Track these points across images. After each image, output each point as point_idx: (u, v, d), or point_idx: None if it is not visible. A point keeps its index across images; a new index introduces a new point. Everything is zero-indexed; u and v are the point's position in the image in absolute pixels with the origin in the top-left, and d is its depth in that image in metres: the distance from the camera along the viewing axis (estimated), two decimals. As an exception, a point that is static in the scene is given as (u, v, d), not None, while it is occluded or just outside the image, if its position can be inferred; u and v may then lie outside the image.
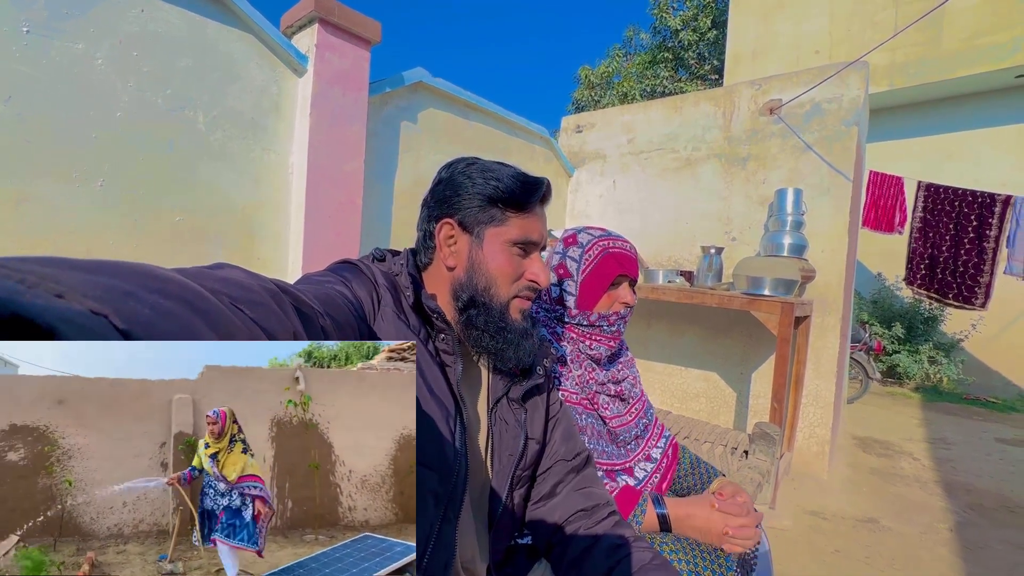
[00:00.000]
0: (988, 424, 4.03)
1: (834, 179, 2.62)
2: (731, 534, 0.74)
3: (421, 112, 2.37)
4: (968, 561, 1.94)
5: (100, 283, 0.23)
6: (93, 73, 1.42)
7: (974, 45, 4.87)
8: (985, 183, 4.29)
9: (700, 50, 10.20)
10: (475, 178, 0.68)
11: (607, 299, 0.92)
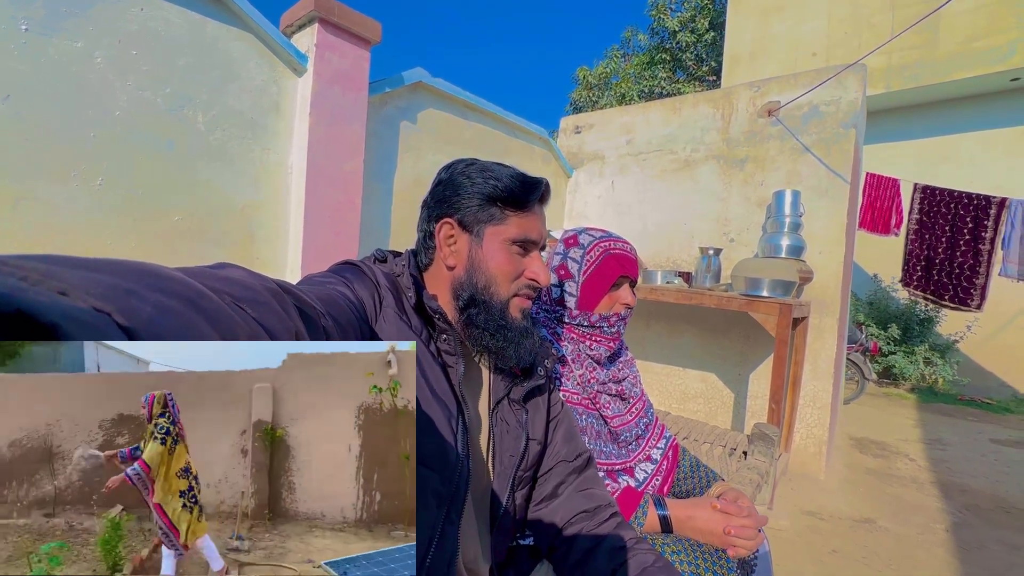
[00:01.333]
0: (983, 425, 4.06)
1: (832, 181, 2.63)
2: (732, 533, 0.75)
3: (421, 112, 2.37)
4: (964, 562, 1.95)
5: (103, 281, 0.23)
6: (92, 72, 1.41)
7: (970, 48, 4.91)
8: (980, 185, 4.31)
9: (698, 51, 10.23)
10: (474, 178, 0.68)
11: (608, 300, 0.93)
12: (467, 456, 0.63)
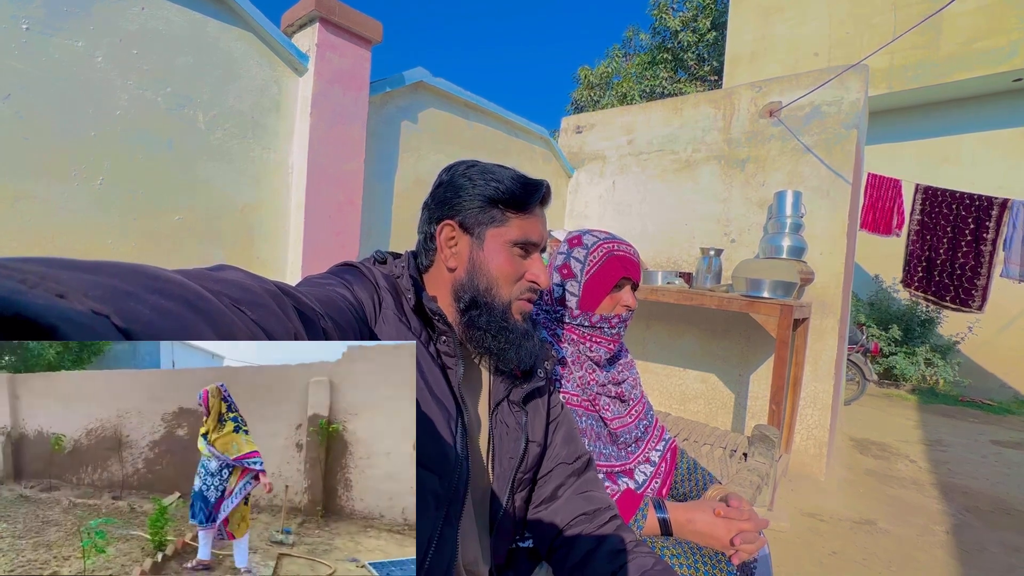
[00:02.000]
0: (984, 426, 4.05)
1: (833, 182, 2.62)
2: (737, 544, 0.74)
3: (421, 112, 2.37)
4: (965, 563, 1.95)
5: (101, 283, 0.23)
6: (93, 71, 1.41)
7: (972, 49, 4.90)
8: (981, 186, 4.31)
9: (699, 51, 10.22)
10: (475, 179, 0.68)
11: (609, 301, 0.92)
12: (466, 458, 0.63)
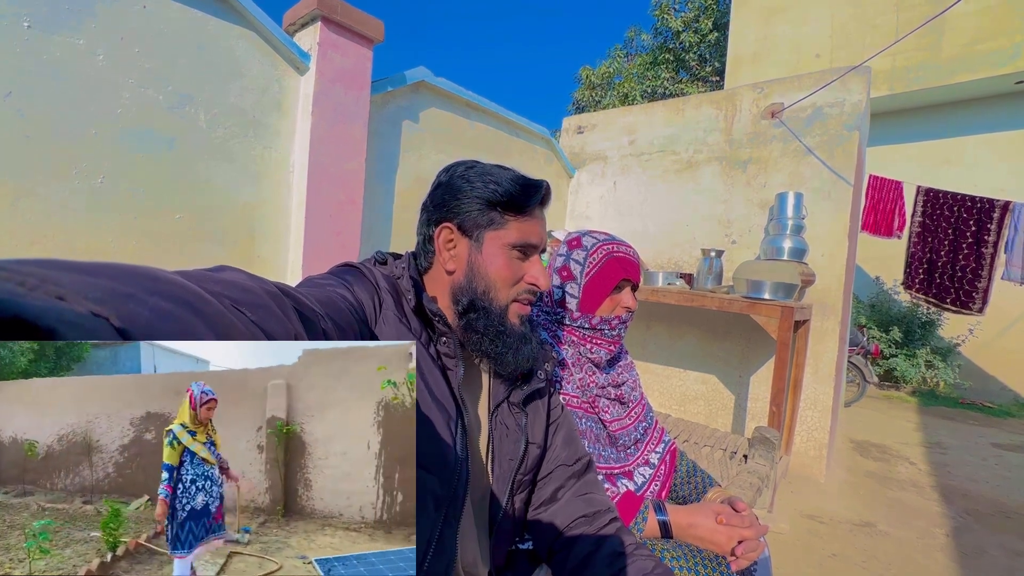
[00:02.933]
0: (984, 429, 4.05)
1: (835, 183, 2.62)
2: (739, 553, 0.74)
3: (423, 111, 2.36)
4: (965, 566, 1.95)
5: (100, 285, 0.23)
6: (94, 69, 1.41)
7: (974, 51, 4.89)
8: (983, 188, 4.30)
9: (701, 52, 10.21)
10: (474, 182, 0.68)
11: (609, 303, 0.92)
12: (466, 459, 0.62)
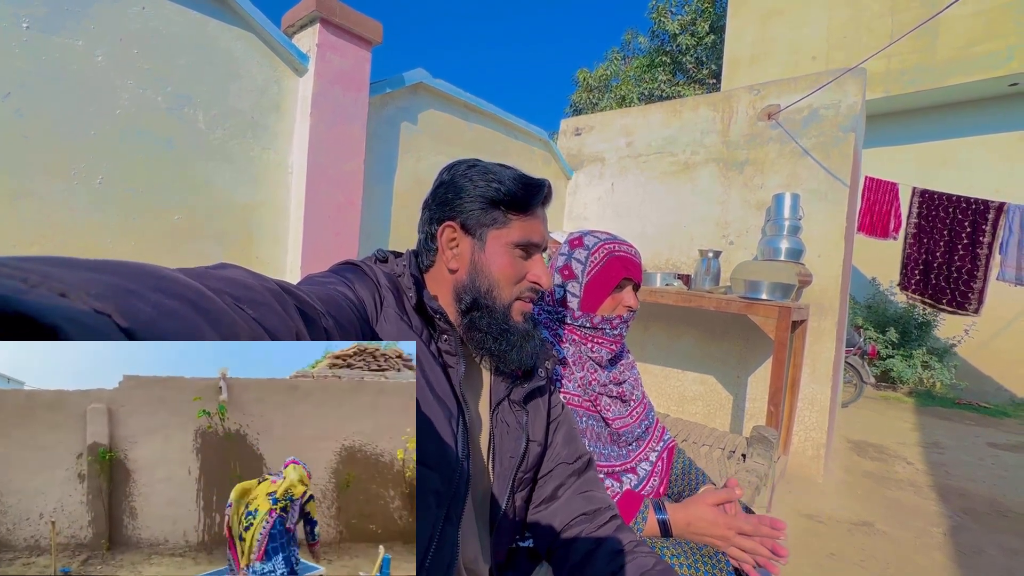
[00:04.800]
0: (980, 429, 4.06)
1: (831, 184, 2.63)
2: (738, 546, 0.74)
3: (421, 113, 2.37)
4: (962, 566, 1.96)
5: (103, 282, 0.23)
6: (93, 70, 1.41)
7: (969, 53, 4.93)
8: (978, 190, 4.33)
9: (698, 54, 10.25)
10: (476, 180, 0.68)
11: (611, 302, 0.93)
12: (467, 456, 0.63)
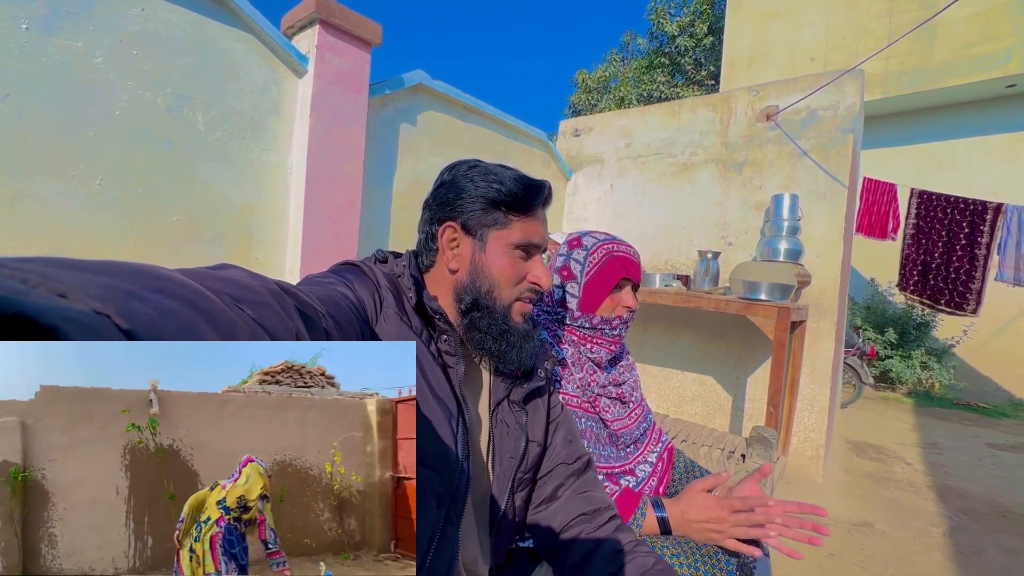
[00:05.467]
0: (979, 429, 4.07)
1: (830, 185, 2.64)
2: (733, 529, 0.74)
3: (420, 114, 2.37)
4: (962, 566, 1.96)
5: (102, 283, 0.23)
6: (92, 71, 1.41)
7: (966, 55, 4.94)
8: (976, 191, 4.34)
9: (697, 56, 10.28)
10: (477, 181, 0.68)
11: (610, 302, 0.93)
12: (467, 457, 0.63)
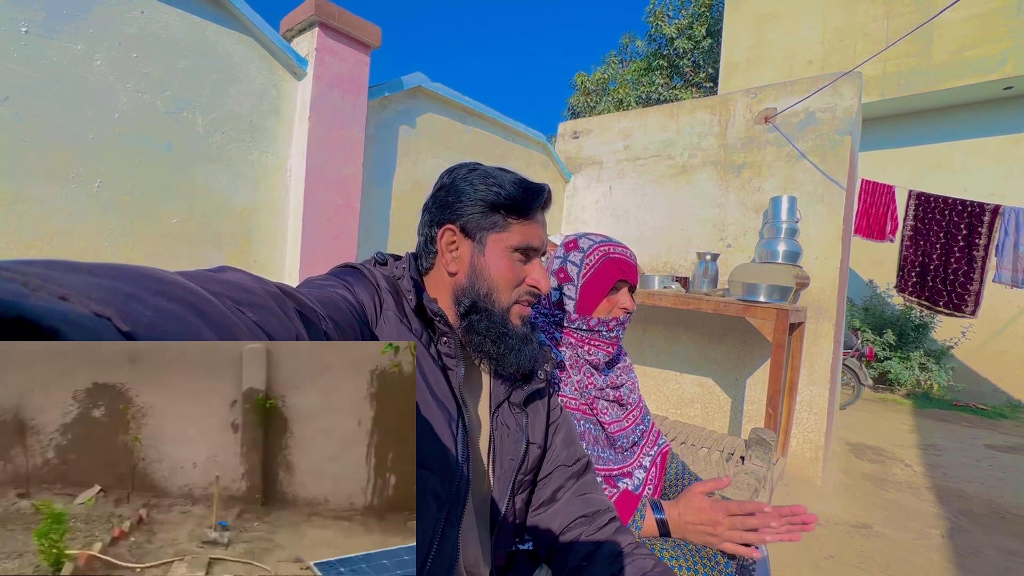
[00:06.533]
0: (978, 431, 4.07)
1: (828, 187, 2.65)
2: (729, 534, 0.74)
3: (420, 116, 2.38)
4: (961, 567, 1.96)
5: (103, 285, 0.23)
6: (92, 74, 1.41)
7: (963, 57, 4.96)
8: (973, 193, 4.37)
9: (695, 58, 10.31)
10: (477, 184, 0.68)
11: (607, 304, 0.93)
12: (467, 459, 0.63)
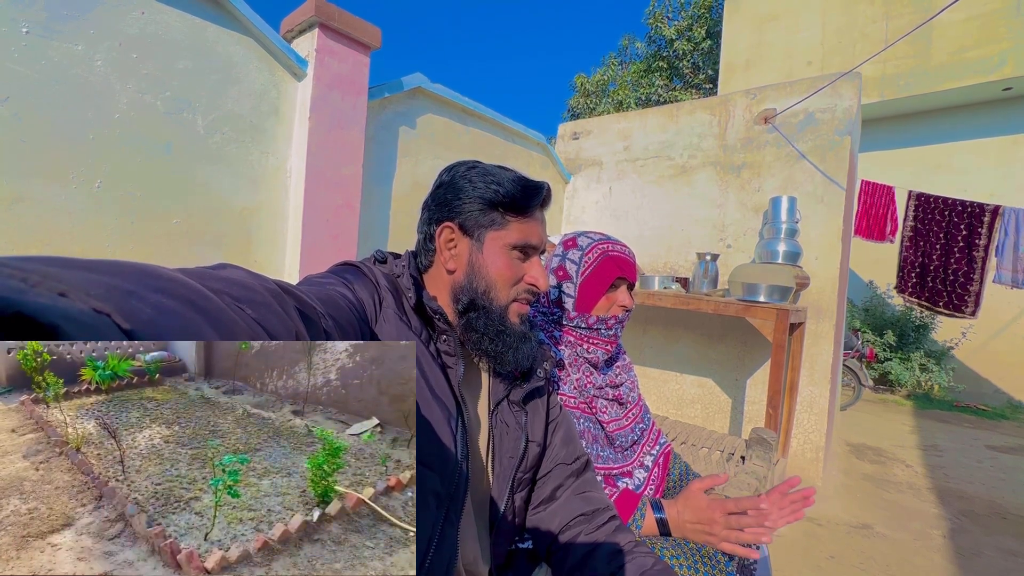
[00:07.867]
0: (978, 431, 4.07)
1: (827, 188, 2.65)
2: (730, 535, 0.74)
3: (419, 117, 2.38)
4: (961, 567, 1.95)
5: (103, 282, 0.23)
6: (92, 74, 1.42)
7: (962, 58, 4.97)
8: (972, 193, 4.36)
9: (694, 59, 10.32)
10: (476, 182, 0.68)
11: (605, 302, 0.93)
12: (466, 457, 0.63)
